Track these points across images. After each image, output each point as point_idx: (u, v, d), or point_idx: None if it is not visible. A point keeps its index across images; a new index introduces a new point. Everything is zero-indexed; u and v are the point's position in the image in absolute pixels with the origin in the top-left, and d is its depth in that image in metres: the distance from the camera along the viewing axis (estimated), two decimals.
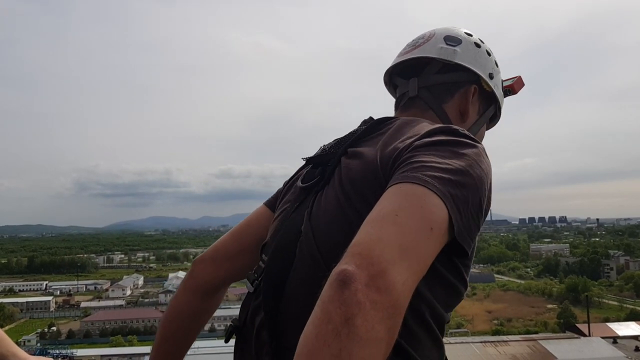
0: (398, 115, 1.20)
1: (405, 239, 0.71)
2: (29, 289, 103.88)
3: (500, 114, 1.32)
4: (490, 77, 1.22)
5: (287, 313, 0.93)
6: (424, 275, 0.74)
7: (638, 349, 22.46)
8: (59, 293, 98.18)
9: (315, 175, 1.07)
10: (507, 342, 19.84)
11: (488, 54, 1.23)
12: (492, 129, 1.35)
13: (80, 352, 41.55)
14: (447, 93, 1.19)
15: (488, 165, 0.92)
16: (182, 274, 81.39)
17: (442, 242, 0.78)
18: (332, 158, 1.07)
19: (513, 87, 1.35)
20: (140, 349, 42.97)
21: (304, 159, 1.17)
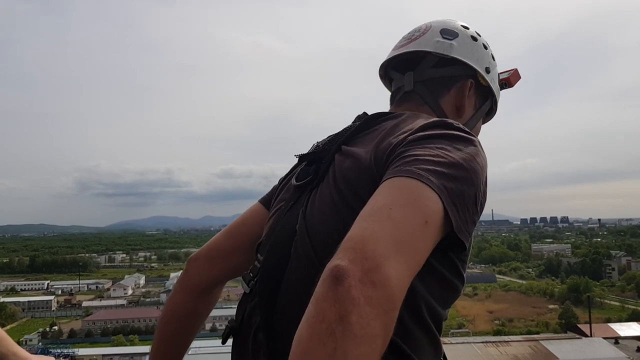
0: (393, 110, 1.18)
1: (400, 233, 0.69)
2: (31, 289, 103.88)
3: (497, 108, 1.28)
4: (487, 71, 1.19)
5: (283, 314, 0.92)
6: (420, 271, 0.72)
7: None
8: (61, 292, 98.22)
9: (310, 173, 1.05)
10: (508, 342, 19.77)
11: (485, 48, 1.20)
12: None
13: (82, 351, 41.78)
14: (443, 87, 1.16)
15: (483, 159, 0.90)
16: None
17: (437, 235, 0.77)
18: (325, 155, 1.05)
19: (509, 80, 1.31)
20: (142, 349, 42.95)
21: (297, 156, 1.16)
